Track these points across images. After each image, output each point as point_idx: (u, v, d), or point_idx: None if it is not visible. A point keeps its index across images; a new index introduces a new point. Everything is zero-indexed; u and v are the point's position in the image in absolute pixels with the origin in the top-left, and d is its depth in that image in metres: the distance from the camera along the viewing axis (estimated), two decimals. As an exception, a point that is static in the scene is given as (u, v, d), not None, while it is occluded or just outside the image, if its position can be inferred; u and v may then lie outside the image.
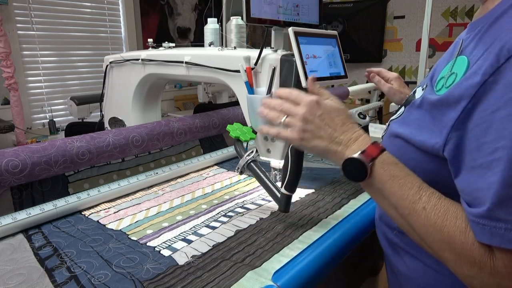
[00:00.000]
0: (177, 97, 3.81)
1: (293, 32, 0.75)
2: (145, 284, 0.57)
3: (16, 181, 0.80)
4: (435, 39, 3.75)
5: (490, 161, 0.43)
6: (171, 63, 1.05)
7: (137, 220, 0.79)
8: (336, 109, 0.57)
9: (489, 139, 0.43)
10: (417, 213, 0.49)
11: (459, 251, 0.45)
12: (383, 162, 0.52)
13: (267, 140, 0.87)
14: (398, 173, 0.52)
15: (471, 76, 0.46)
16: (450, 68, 0.52)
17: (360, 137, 0.56)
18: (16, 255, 0.66)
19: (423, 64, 2.01)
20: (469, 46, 0.50)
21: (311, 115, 0.56)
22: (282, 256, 0.64)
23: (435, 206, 0.48)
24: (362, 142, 0.55)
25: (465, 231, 0.45)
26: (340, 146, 0.56)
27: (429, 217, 0.48)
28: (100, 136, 0.96)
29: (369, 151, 0.53)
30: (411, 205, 0.50)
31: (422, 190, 0.50)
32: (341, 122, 0.56)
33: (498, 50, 0.43)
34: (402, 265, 0.62)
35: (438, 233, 0.47)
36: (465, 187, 0.47)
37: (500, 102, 0.42)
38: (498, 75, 0.43)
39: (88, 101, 2.17)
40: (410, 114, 0.58)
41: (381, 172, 0.52)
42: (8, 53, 2.25)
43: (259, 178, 0.78)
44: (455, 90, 0.47)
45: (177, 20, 3.85)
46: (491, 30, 0.48)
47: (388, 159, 0.53)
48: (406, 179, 0.51)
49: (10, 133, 2.39)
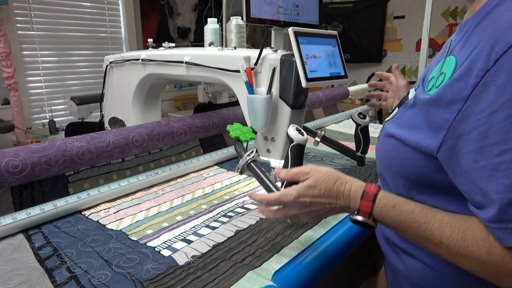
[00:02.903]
0: (177, 97, 3.81)
1: (293, 32, 0.75)
2: (145, 284, 0.57)
3: (16, 181, 0.80)
4: (435, 39, 3.75)
5: (499, 163, 0.43)
6: (171, 63, 1.05)
7: (137, 220, 0.79)
8: (312, 187, 0.57)
9: (492, 142, 0.43)
10: (436, 246, 0.49)
11: (493, 270, 0.46)
12: (380, 212, 0.53)
13: (267, 140, 0.87)
14: (400, 217, 0.52)
15: (462, 77, 0.46)
16: (440, 68, 0.52)
17: (350, 195, 0.56)
18: (16, 255, 0.66)
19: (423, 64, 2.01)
20: (457, 46, 0.51)
21: (307, 208, 0.58)
22: (282, 256, 0.64)
23: (450, 236, 0.48)
24: (355, 201, 0.55)
25: (490, 250, 0.45)
26: (341, 211, 0.58)
27: (449, 248, 0.48)
28: (100, 136, 0.96)
29: (363, 209, 0.54)
30: (426, 240, 0.50)
31: (430, 224, 0.50)
32: (327, 194, 0.56)
33: (487, 52, 0.44)
34: (401, 265, 0.63)
35: (465, 260, 0.47)
36: (467, 189, 0.47)
37: (496, 105, 0.43)
38: (488, 77, 0.43)
39: (88, 101, 2.17)
40: (403, 114, 0.58)
41: (383, 220, 0.54)
42: (8, 53, 2.25)
43: (259, 178, 0.77)
44: (446, 91, 0.48)
45: (177, 20, 3.85)
46: (477, 30, 0.48)
47: (384, 207, 0.53)
48: (410, 219, 0.51)
49: (10, 133, 2.39)
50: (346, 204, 0.56)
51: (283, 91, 0.82)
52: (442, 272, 0.56)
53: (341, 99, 2.01)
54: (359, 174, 1.05)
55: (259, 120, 0.82)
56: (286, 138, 0.77)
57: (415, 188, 0.56)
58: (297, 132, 0.72)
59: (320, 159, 1.19)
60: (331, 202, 0.57)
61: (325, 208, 0.57)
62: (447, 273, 0.56)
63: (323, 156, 1.22)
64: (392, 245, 0.65)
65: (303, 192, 0.57)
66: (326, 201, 0.57)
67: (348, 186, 0.56)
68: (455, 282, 0.56)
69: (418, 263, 0.59)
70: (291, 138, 0.72)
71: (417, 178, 0.55)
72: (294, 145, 0.71)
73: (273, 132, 0.86)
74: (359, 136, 0.94)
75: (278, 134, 0.85)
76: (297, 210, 0.58)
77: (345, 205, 0.56)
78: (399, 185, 0.59)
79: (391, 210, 0.53)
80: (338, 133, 1.56)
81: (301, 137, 0.72)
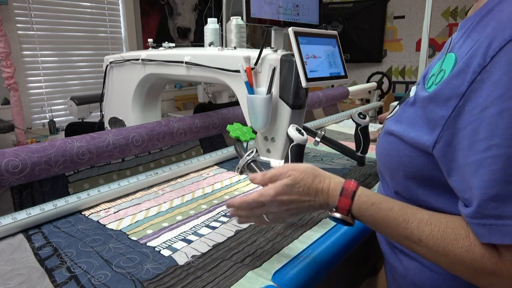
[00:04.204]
0: (177, 97, 3.81)
1: (293, 32, 0.75)
2: (145, 284, 0.57)
3: (16, 181, 0.80)
4: (435, 39, 3.75)
5: (484, 158, 0.43)
6: (171, 63, 1.05)
7: (137, 220, 0.79)
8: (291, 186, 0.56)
9: (481, 137, 0.43)
10: (416, 244, 0.49)
11: (472, 268, 0.45)
12: (359, 209, 0.53)
13: (267, 140, 0.87)
14: (378, 215, 0.51)
15: (459, 74, 0.46)
16: (440, 66, 0.52)
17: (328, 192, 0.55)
18: (16, 255, 0.66)
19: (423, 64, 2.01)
20: (458, 43, 0.51)
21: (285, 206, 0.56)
22: (282, 256, 0.64)
23: (430, 234, 0.47)
24: (333, 198, 0.55)
25: (470, 248, 0.45)
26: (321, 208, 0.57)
27: (429, 246, 0.48)
28: (100, 136, 0.96)
29: (341, 206, 0.54)
30: (405, 239, 0.50)
31: (409, 223, 0.49)
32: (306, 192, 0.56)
33: (485, 49, 0.44)
34: (399, 265, 0.63)
35: (445, 258, 0.47)
36: (459, 186, 0.47)
37: (488, 101, 0.43)
38: (485, 74, 0.43)
39: (88, 101, 2.17)
40: (403, 112, 0.58)
41: (362, 218, 0.54)
42: (8, 53, 2.25)
43: (259, 178, 0.77)
44: (444, 88, 0.48)
45: (177, 20, 3.85)
46: (478, 27, 0.48)
47: (363, 204, 0.53)
48: (389, 218, 0.51)
49: (10, 133, 2.39)
50: (325, 201, 0.56)
51: (283, 91, 0.82)
52: (440, 273, 0.56)
53: (341, 99, 2.01)
54: (359, 174, 1.05)
55: (259, 120, 0.82)
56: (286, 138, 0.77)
57: (414, 185, 0.56)
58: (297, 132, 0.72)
59: (320, 159, 1.19)
60: (310, 200, 0.56)
61: (304, 206, 0.57)
62: (444, 274, 0.56)
63: (323, 156, 1.22)
64: (391, 245, 0.65)
65: (281, 191, 0.56)
66: (305, 199, 0.56)
67: (327, 183, 0.56)
68: (453, 283, 0.56)
69: (415, 263, 0.59)
70: (291, 138, 0.72)
71: (415, 175, 0.55)
72: (294, 145, 0.71)
73: (273, 132, 0.86)
74: (359, 136, 0.94)
75: (278, 134, 0.85)
76: (275, 209, 0.57)
77: (323, 203, 0.56)
78: (398, 183, 0.59)
79: (369, 208, 0.52)
80: (338, 133, 1.56)
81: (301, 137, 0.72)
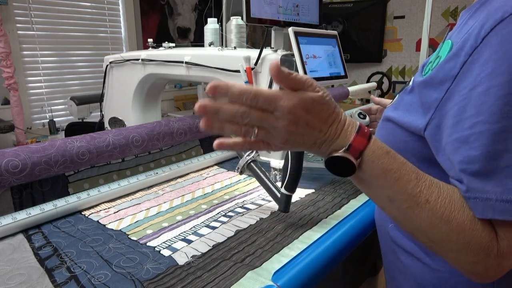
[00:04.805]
0: (177, 97, 3.81)
1: (293, 32, 0.75)
2: (145, 284, 0.57)
3: (16, 181, 0.80)
4: (435, 39, 3.75)
5: (468, 135, 0.43)
6: (171, 63, 1.05)
7: (137, 220, 0.79)
8: (318, 104, 0.45)
9: (467, 115, 0.43)
10: (419, 206, 0.45)
11: (468, 239, 0.44)
12: (372, 154, 0.46)
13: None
14: (392, 165, 0.46)
15: (453, 57, 0.47)
16: (437, 53, 0.53)
17: (343, 127, 0.46)
18: (16, 255, 0.66)
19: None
20: (456, 31, 0.52)
21: (294, 126, 0.44)
22: (282, 256, 0.64)
23: (439, 197, 0.45)
24: (346, 134, 0.46)
25: (474, 218, 0.44)
26: (323, 145, 0.47)
27: (434, 209, 0.45)
28: (100, 136, 0.96)
29: (355, 145, 0.45)
30: (411, 198, 0.46)
31: (421, 181, 0.46)
32: (325, 118, 0.46)
33: (477, 31, 0.44)
34: (398, 262, 0.63)
35: (445, 224, 0.45)
36: (446, 165, 0.47)
37: (477, 80, 0.43)
38: (475, 55, 0.43)
39: (88, 101, 2.17)
40: (402, 99, 0.59)
41: (372, 166, 0.46)
42: (8, 53, 2.25)
43: (259, 178, 0.78)
44: (438, 72, 0.48)
45: (177, 20, 3.85)
46: (475, 14, 0.49)
47: (378, 149, 0.46)
48: (401, 171, 0.46)
49: (10, 133, 2.39)
50: (335, 135, 0.46)
51: (283, 91, 0.82)
52: (440, 270, 0.56)
53: (341, 99, 2.01)
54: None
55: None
56: (286, 138, 0.77)
57: None
58: (297, 132, 0.72)
59: (320, 159, 1.19)
60: (322, 130, 0.46)
61: (308, 138, 0.46)
62: (444, 272, 0.56)
63: (323, 156, 1.22)
64: (391, 242, 0.65)
65: (304, 105, 0.44)
66: (317, 125, 0.45)
67: (344, 116, 0.47)
68: (453, 280, 0.56)
69: (415, 260, 0.60)
70: (291, 138, 0.72)
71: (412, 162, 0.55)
72: (294, 145, 0.72)
73: (273, 132, 0.85)
74: (359, 136, 0.94)
75: (278, 134, 0.85)
76: (281, 123, 0.44)
77: (333, 137, 0.46)
78: None
79: (383, 155, 0.46)
80: (338, 133, 1.56)
81: (301, 137, 0.72)
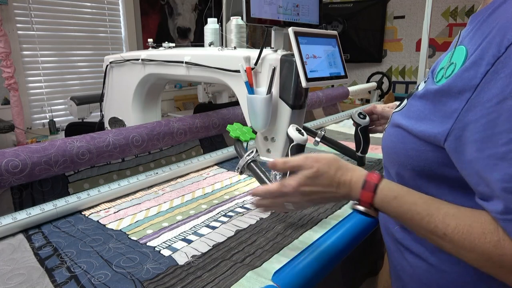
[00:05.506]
0: (177, 97, 3.81)
1: (293, 32, 0.75)
2: (145, 284, 0.57)
3: (16, 181, 0.80)
4: (435, 39, 3.75)
5: (505, 152, 0.42)
6: (171, 63, 1.05)
7: (137, 220, 0.79)
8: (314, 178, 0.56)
9: (500, 130, 0.42)
10: (440, 239, 0.47)
11: (500, 264, 0.44)
12: (381, 202, 0.53)
13: (267, 140, 0.87)
14: (401, 208, 0.51)
15: (472, 66, 0.46)
16: (449, 59, 0.52)
17: (351, 184, 0.55)
18: (16, 255, 0.66)
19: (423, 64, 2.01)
20: (468, 37, 0.51)
21: (308, 196, 0.57)
22: (282, 256, 0.64)
23: (455, 229, 0.46)
24: (355, 190, 0.55)
25: (498, 243, 0.43)
26: (342, 198, 0.58)
27: (453, 242, 0.46)
28: (100, 136, 0.96)
29: (363, 199, 0.54)
30: (429, 232, 0.49)
31: (433, 216, 0.48)
32: (328, 184, 0.56)
33: (499, 40, 0.43)
34: (405, 262, 0.63)
35: (470, 253, 0.45)
36: (473, 180, 0.46)
37: (505, 92, 0.42)
38: (499, 65, 0.43)
39: (88, 101, 2.17)
40: (412, 105, 0.58)
41: (384, 210, 0.53)
42: (8, 53, 2.25)
43: (259, 178, 0.78)
44: (457, 81, 0.47)
45: (177, 20, 3.85)
46: (489, 20, 0.48)
47: (385, 197, 0.52)
48: (412, 211, 0.50)
49: (10, 133, 2.39)
50: (347, 193, 0.56)
51: (283, 91, 0.82)
52: (446, 271, 0.56)
53: (341, 99, 2.01)
54: (359, 174, 1.05)
55: (259, 120, 0.82)
56: (286, 138, 0.78)
57: (420, 180, 0.56)
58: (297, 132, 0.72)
59: (320, 159, 1.19)
60: (332, 191, 0.56)
61: (326, 197, 0.57)
62: (451, 272, 0.56)
63: (323, 156, 1.22)
64: (396, 243, 0.65)
65: (303, 182, 0.56)
66: (327, 190, 0.56)
67: (349, 175, 0.56)
68: (459, 281, 0.55)
69: (422, 261, 0.59)
70: (291, 138, 0.72)
71: (422, 170, 0.55)
72: (294, 145, 0.72)
73: (273, 132, 0.86)
74: (359, 136, 0.94)
75: (278, 134, 0.85)
76: (297, 199, 0.58)
77: (346, 194, 0.56)
78: (404, 177, 0.59)
79: (392, 201, 0.52)
80: (338, 133, 1.56)
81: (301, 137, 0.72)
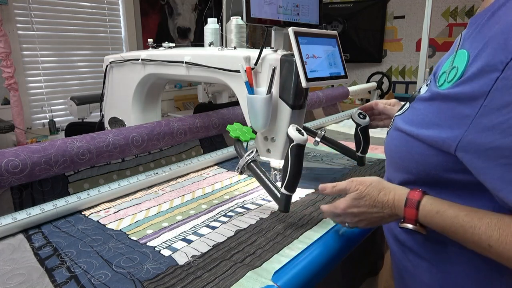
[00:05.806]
0: (177, 97, 3.81)
1: (293, 32, 0.75)
2: (145, 284, 0.57)
3: (16, 181, 0.80)
4: (435, 39, 3.75)
5: None
6: (171, 63, 1.05)
7: (137, 220, 0.79)
8: (359, 199, 0.61)
9: None
10: (487, 250, 0.48)
11: None
12: (424, 218, 0.54)
13: (267, 140, 0.87)
14: (444, 222, 0.51)
15: (480, 73, 0.46)
16: (451, 63, 0.52)
17: (394, 203, 0.57)
18: (16, 255, 0.66)
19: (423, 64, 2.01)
20: (469, 40, 0.51)
21: (357, 217, 0.63)
22: (282, 256, 0.64)
23: (499, 240, 0.46)
24: (398, 209, 0.57)
25: None
26: (389, 219, 0.61)
27: (499, 252, 0.46)
28: (100, 136, 0.96)
29: (408, 216, 0.55)
30: (475, 244, 0.49)
31: (476, 228, 0.48)
32: (372, 204, 0.60)
33: (503, 45, 0.43)
34: (408, 263, 0.63)
35: None
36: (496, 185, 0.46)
37: None
38: (509, 71, 0.43)
39: (88, 101, 2.17)
40: (414, 109, 0.58)
41: (429, 225, 0.54)
42: (8, 53, 2.25)
43: (259, 178, 0.78)
44: (465, 87, 0.47)
45: (177, 20, 3.85)
46: (489, 22, 0.48)
47: (428, 213, 0.53)
48: (455, 225, 0.50)
49: (10, 133, 2.39)
50: (393, 213, 0.58)
51: (283, 91, 0.82)
52: (448, 272, 0.56)
53: (341, 99, 2.01)
54: (359, 174, 1.05)
55: (259, 120, 0.82)
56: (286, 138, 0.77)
57: (424, 185, 0.56)
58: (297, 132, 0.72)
59: (320, 159, 1.19)
60: (378, 212, 0.59)
61: (374, 217, 0.60)
62: (453, 273, 0.56)
63: (323, 156, 1.22)
64: (399, 244, 0.65)
65: (350, 204, 0.62)
66: (372, 210, 0.60)
67: (392, 195, 0.58)
68: (462, 282, 0.55)
69: (424, 262, 0.59)
70: (291, 138, 0.72)
71: (427, 174, 0.55)
72: (294, 145, 0.71)
73: (273, 132, 0.86)
74: (359, 136, 0.94)
75: (278, 134, 0.85)
76: (349, 219, 0.64)
77: (392, 214, 0.58)
78: (409, 182, 0.59)
79: (435, 216, 0.52)
80: (338, 133, 1.56)
81: (301, 137, 0.72)
